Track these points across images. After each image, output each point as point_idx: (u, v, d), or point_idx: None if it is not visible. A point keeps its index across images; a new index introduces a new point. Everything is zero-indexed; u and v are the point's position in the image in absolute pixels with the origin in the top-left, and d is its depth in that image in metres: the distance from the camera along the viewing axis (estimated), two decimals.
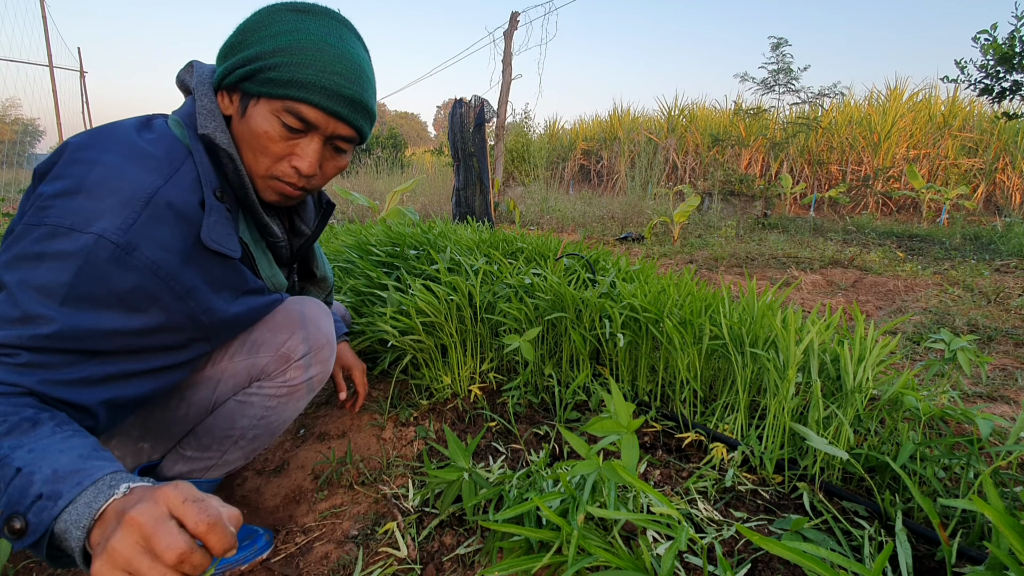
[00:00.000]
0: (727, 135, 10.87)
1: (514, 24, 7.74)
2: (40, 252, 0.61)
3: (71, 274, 0.61)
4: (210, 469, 0.93)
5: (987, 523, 0.89)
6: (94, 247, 0.61)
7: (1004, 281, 3.40)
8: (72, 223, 0.62)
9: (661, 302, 1.40)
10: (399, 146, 16.96)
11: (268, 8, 0.76)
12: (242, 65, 0.73)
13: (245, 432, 0.92)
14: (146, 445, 0.87)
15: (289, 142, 0.77)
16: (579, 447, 0.81)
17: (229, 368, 0.88)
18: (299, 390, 0.95)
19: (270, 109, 0.74)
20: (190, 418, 0.89)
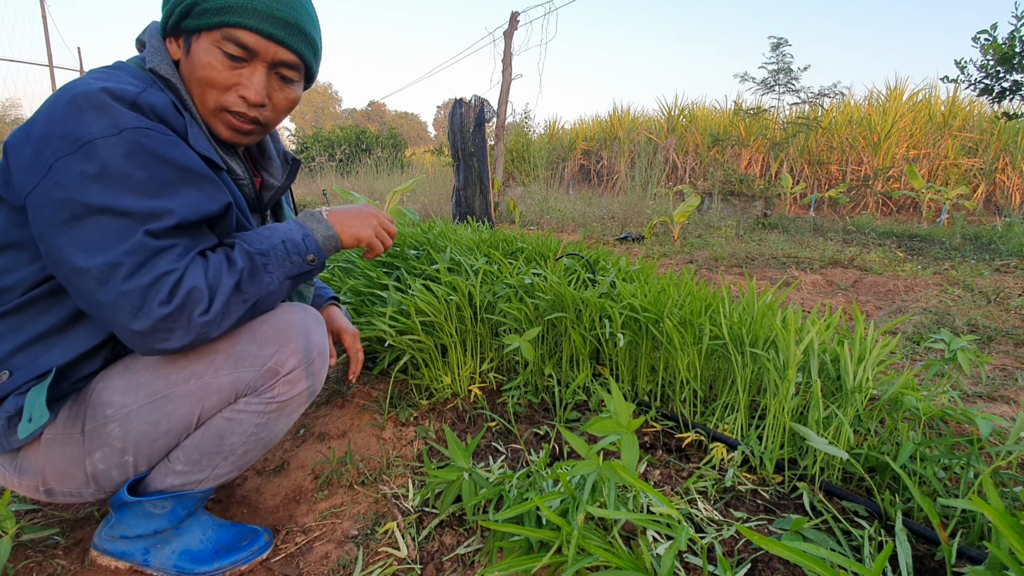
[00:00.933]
0: (727, 135, 10.87)
1: (514, 24, 7.74)
2: (102, 168, 0.68)
3: (141, 168, 0.70)
4: (201, 482, 0.91)
5: (987, 523, 0.89)
6: (136, 138, 0.70)
7: (1004, 281, 3.40)
8: (103, 131, 0.69)
9: (661, 302, 1.41)
10: (399, 146, 16.97)
11: None
12: (180, 3, 0.78)
13: (235, 448, 0.89)
14: (130, 459, 0.85)
15: (233, 71, 0.81)
16: (579, 447, 0.81)
17: (213, 383, 0.83)
18: (289, 405, 0.91)
19: (210, 41, 0.79)
20: (173, 433, 0.85)
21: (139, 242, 0.69)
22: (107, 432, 0.81)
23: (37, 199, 0.69)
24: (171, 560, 0.94)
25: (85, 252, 0.68)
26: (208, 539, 0.97)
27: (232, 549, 0.98)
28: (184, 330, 0.72)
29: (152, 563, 0.95)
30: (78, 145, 0.68)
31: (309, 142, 16.35)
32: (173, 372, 0.82)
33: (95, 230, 0.68)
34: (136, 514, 0.91)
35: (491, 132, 7.59)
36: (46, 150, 0.68)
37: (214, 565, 0.95)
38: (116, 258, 0.68)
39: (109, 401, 0.81)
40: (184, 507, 0.93)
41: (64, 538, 1.04)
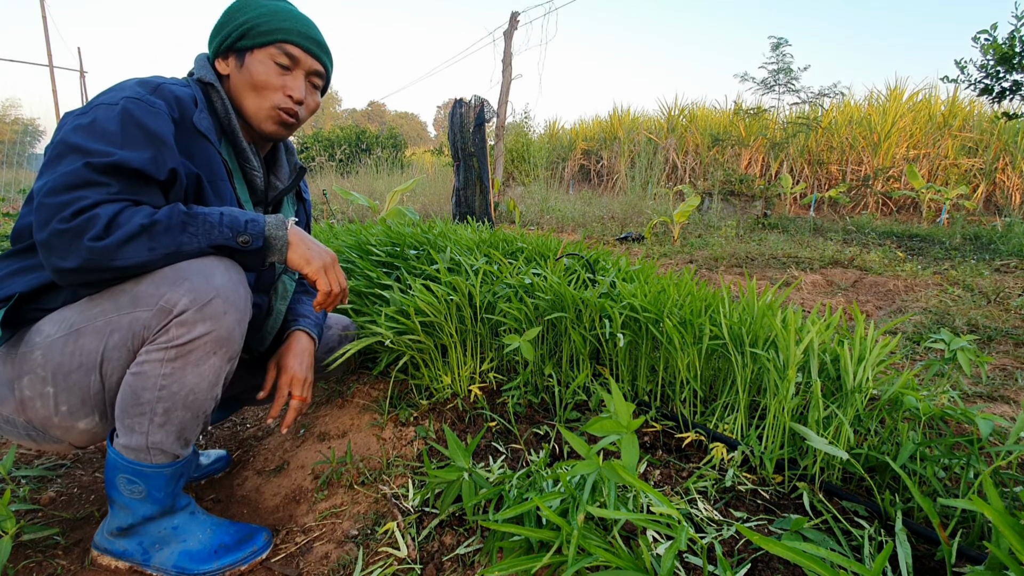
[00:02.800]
0: (727, 135, 10.87)
1: (514, 24, 7.74)
2: (91, 120, 0.85)
3: (117, 124, 0.85)
4: (142, 452, 0.90)
5: (987, 523, 0.89)
6: (125, 104, 0.87)
7: (1004, 281, 3.40)
8: (108, 99, 0.88)
9: (661, 302, 1.41)
10: (399, 146, 16.97)
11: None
12: (235, 30, 1.00)
13: (154, 406, 0.88)
14: (50, 390, 0.88)
15: (281, 77, 1.03)
16: (579, 447, 0.81)
17: (115, 320, 0.86)
18: (191, 352, 0.87)
19: (264, 55, 1.01)
20: (83, 368, 0.87)
21: (76, 170, 0.80)
22: (33, 358, 0.88)
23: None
24: (171, 560, 0.95)
25: (43, 177, 0.82)
26: (207, 539, 0.98)
27: (231, 549, 0.98)
28: (76, 252, 0.78)
29: (152, 563, 0.95)
30: (89, 107, 0.88)
31: (309, 142, 16.35)
32: (89, 308, 0.88)
33: (60, 162, 0.82)
34: (121, 503, 0.94)
35: (491, 132, 7.59)
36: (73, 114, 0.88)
37: (213, 565, 0.96)
38: (52, 180, 0.80)
39: (40, 329, 0.89)
40: (156, 487, 0.93)
41: (64, 538, 1.04)
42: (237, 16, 1.01)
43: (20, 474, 1.24)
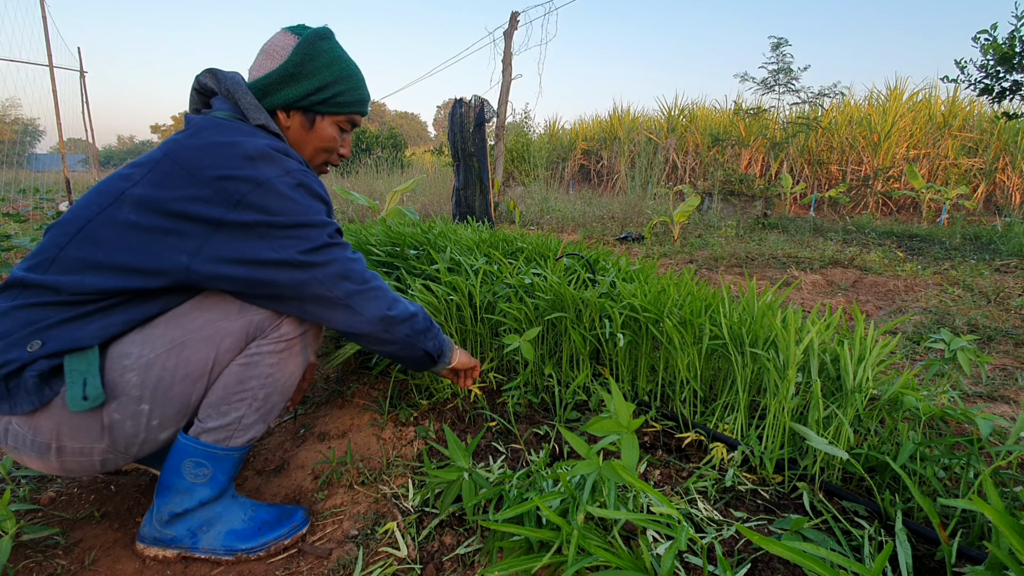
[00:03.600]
0: (727, 135, 10.87)
1: (514, 24, 7.74)
2: (277, 196, 0.90)
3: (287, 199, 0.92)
4: (232, 436, 0.98)
5: (987, 523, 0.89)
6: (283, 174, 0.91)
7: (1004, 281, 3.40)
8: (276, 173, 0.91)
9: (661, 302, 1.40)
10: (399, 146, 16.96)
11: (307, 42, 1.01)
12: (313, 93, 1.02)
13: (256, 392, 0.98)
14: (145, 407, 0.89)
15: (340, 138, 1.12)
16: (579, 447, 0.81)
17: (226, 326, 0.93)
18: (296, 344, 1.01)
19: (333, 120, 1.08)
20: (189, 379, 0.92)
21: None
22: (125, 381, 0.87)
23: (228, 219, 0.87)
24: (218, 540, 1.00)
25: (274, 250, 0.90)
26: (250, 518, 1.03)
27: (274, 526, 1.03)
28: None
29: (200, 545, 0.99)
30: (258, 183, 0.88)
31: None
32: (188, 322, 0.92)
33: (287, 236, 0.90)
34: (179, 490, 0.97)
35: (491, 132, 7.59)
36: (230, 187, 0.86)
37: (259, 540, 1.01)
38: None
39: (127, 352, 0.88)
40: (223, 471, 1.00)
41: (64, 538, 1.04)
42: (306, 73, 1.01)
43: (20, 474, 1.24)
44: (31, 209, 6.35)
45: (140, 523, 1.09)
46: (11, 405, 0.84)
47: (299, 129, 1.06)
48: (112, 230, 0.86)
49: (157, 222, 0.86)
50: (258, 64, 1.03)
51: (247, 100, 0.98)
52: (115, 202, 0.87)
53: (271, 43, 1.02)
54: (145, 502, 1.16)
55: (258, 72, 1.02)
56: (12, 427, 0.86)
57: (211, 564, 0.99)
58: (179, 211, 0.86)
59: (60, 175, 11.05)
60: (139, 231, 0.86)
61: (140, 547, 0.99)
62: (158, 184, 0.87)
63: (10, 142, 11.92)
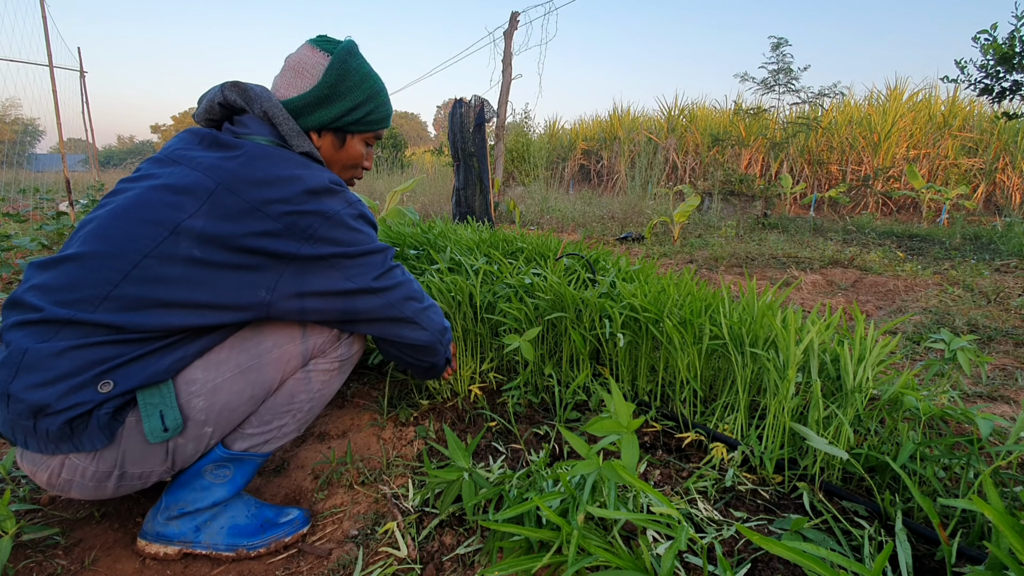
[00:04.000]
0: (727, 135, 10.86)
1: (514, 24, 7.73)
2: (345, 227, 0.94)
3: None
4: (268, 443, 1.02)
5: (987, 523, 0.89)
6: (347, 206, 0.95)
7: (1004, 281, 3.40)
8: (341, 206, 0.95)
9: (661, 302, 1.40)
10: (399, 146, 16.96)
11: (339, 61, 1.00)
12: (347, 114, 1.04)
13: (302, 405, 1.03)
14: (209, 429, 0.92)
15: (365, 153, 1.14)
16: (579, 447, 0.81)
17: (292, 349, 0.98)
18: (348, 363, 1.10)
19: (362, 138, 1.10)
20: (256, 399, 0.96)
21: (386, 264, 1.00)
22: (192, 406, 0.89)
23: (303, 253, 0.89)
24: (220, 536, 1.00)
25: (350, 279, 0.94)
26: (253, 515, 1.04)
27: (276, 524, 1.04)
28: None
29: (202, 540, 0.99)
30: (326, 216, 0.90)
31: None
32: (253, 346, 0.94)
33: (355, 266, 0.95)
34: (196, 488, 0.98)
35: (491, 132, 7.59)
36: (300, 221, 0.88)
37: (261, 537, 1.01)
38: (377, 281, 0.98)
39: (194, 379, 0.89)
40: (243, 474, 1.02)
41: (64, 538, 1.04)
42: (340, 94, 1.01)
43: (20, 474, 1.24)
44: (31, 209, 6.35)
45: (140, 523, 1.09)
46: (77, 444, 0.81)
47: (330, 148, 1.08)
48: (175, 267, 0.82)
49: (227, 258, 0.84)
50: (286, 82, 1.01)
51: (288, 126, 0.98)
52: (171, 235, 0.82)
53: (299, 60, 1.01)
54: (145, 502, 1.16)
55: (288, 91, 1.01)
56: (70, 461, 0.84)
57: (211, 563, 0.99)
58: (251, 247, 0.85)
59: (60, 175, 11.04)
60: (208, 267, 0.84)
61: (141, 544, 0.99)
62: (220, 217, 0.83)
63: (10, 142, 11.91)
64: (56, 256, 0.85)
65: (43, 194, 6.78)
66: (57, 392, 0.77)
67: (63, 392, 0.77)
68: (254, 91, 0.98)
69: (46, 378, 0.77)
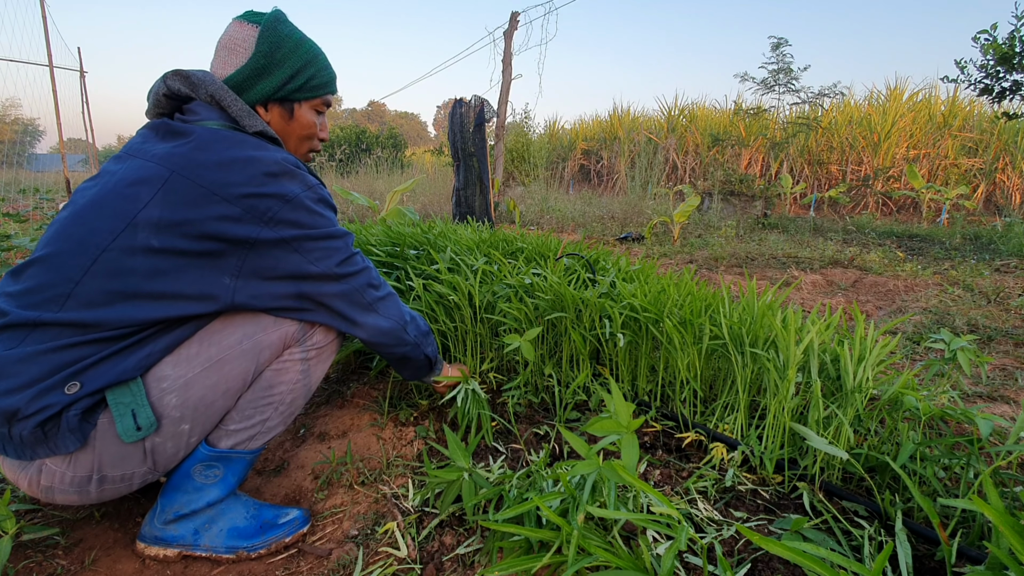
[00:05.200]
0: (727, 135, 10.86)
1: (514, 24, 7.73)
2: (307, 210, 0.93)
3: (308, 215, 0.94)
4: (253, 438, 1.00)
5: (987, 523, 0.89)
6: (306, 189, 0.93)
7: (1004, 281, 3.40)
8: (300, 189, 0.93)
9: (661, 302, 1.40)
10: (399, 146, 16.96)
11: (268, 30, 0.97)
12: (288, 82, 1.01)
13: (283, 397, 1.01)
14: (187, 427, 0.90)
15: (318, 120, 1.10)
16: (579, 447, 0.81)
17: (264, 339, 0.96)
18: (325, 351, 1.06)
19: (310, 106, 1.07)
20: (231, 392, 0.94)
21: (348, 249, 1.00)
22: (164, 403, 0.87)
23: (264, 237, 0.87)
24: (220, 538, 0.99)
25: (314, 263, 0.93)
26: (252, 516, 1.03)
27: (275, 524, 1.04)
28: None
29: (202, 543, 0.99)
30: (286, 199, 0.89)
31: None
32: (223, 338, 0.92)
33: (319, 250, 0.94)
34: (188, 490, 0.97)
35: (491, 132, 7.58)
36: (260, 204, 0.86)
37: (261, 538, 1.01)
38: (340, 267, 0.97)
39: (164, 375, 0.87)
40: (234, 472, 1.00)
41: (64, 538, 1.04)
42: (275, 63, 0.98)
43: None
44: (31, 209, 6.35)
45: (140, 523, 1.09)
46: (51, 447, 0.81)
47: (280, 121, 1.04)
48: (136, 259, 0.82)
49: (187, 245, 0.83)
50: (221, 61, 0.98)
51: (238, 107, 0.95)
52: (128, 227, 0.82)
53: (229, 37, 0.97)
54: (145, 502, 1.16)
55: (225, 69, 0.97)
56: (47, 467, 0.83)
57: (211, 563, 0.99)
58: (210, 233, 0.83)
59: (60, 175, 11.05)
60: (168, 256, 0.83)
61: (140, 547, 0.99)
62: (176, 205, 0.82)
63: (10, 142, 11.91)
64: (24, 262, 0.85)
65: (43, 194, 6.78)
66: (26, 397, 0.77)
67: (31, 396, 0.77)
68: (196, 76, 0.95)
69: (16, 384, 0.77)
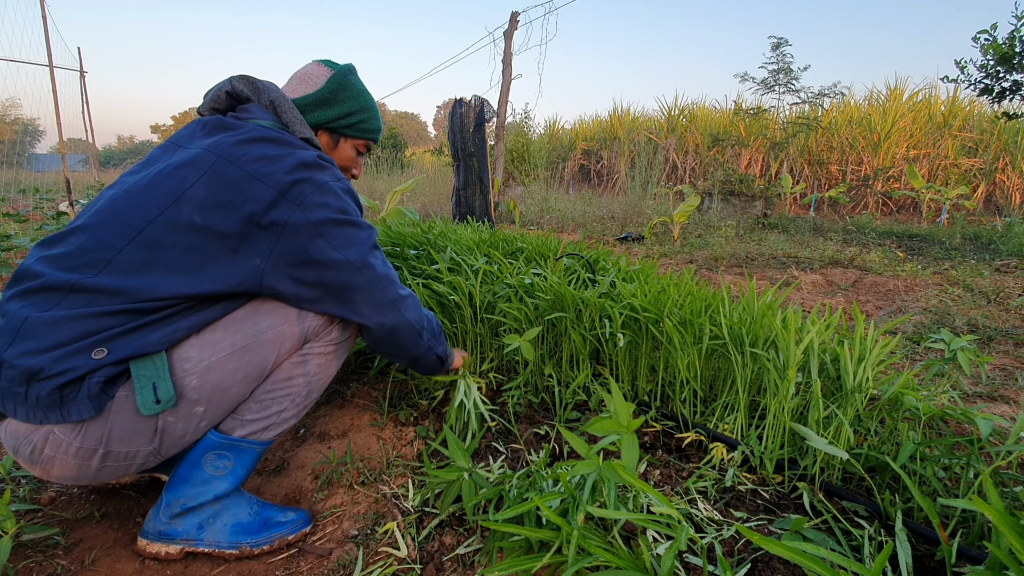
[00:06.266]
0: (727, 135, 10.86)
1: (514, 24, 7.73)
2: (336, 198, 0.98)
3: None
4: (267, 429, 1.01)
5: (987, 523, 0.89)
6: (336, 180, 1.00)
7: (1004, 281, 3.40)
8: (331, 178, 0.99)
9: (661, 302, 1.40)
10: (399, 146, 16.96)
11: (340, 75, 1.14)
12: (343, 117, 1.15)
13: (300, 390, 1.03)
14: (200, 409, 0.91)
15: (356, 160, 1.25)
16: (579, 447, 0.81)
17: (287, 331, 0.98)
18: (342, 347, 1.09)
19: (353, 143, 1.21)
20: (248, 380, 0.96)
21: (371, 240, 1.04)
22: (185, 384, 0.88)
23: (295, 219, 0.91)
24: (223, 533, 1.00)
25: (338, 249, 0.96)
26: (256, 512, 1.04)
27: (278, 523, 1.04)
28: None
29: (205, 538, 0.99)
30: (317, 184, 0.94)
31: None
32: (250, 326, 0.94)
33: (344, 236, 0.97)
34: (196, 482, 0.98)
35: (491, 132, 7.58)
36: (294, 189, 0.91)
37: (264, 535, 1.02)
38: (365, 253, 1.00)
39: (188, 356, 0.89)
40: (243, 464, 1.01)
41: (64, 538, 1.04)
42: (339, 100, 1.14)
43: (20, 474, 1.24)
44: (31, 209, 6.35)
45: (140, 523, 1.09)
46: (64, 413, 0.80)
47: (325, 147, 1.17)
48: (178, 234, 0.86)
49: (226, 225, 0.87)
50: (291, 87, 1.12)
51: (293, 115, 1.05)
52: (175, 203, 0.87)
53: (306, 72, 1.14)
54: (145, 502, 1.16)
55: (293, 93, 1.11)
56: (54, 435, 0.83)
57: (212, 563, 0.99)
58: (248, 213, 0.88)
59: (60, 175, 11.04)
60: (207, 234, 0.87)
61: (142, 544, 0.98)
62: (220, 187, 0.88)
63: (10, 142, 11.91)
64: (63, 230, 0.89)
65: (43, 194, 6.78)
66: (51, 358, 0.78)
67: (57, 357, 0.79)
68: (262, 83, 1.07)
69: (42, 345, 0.79)
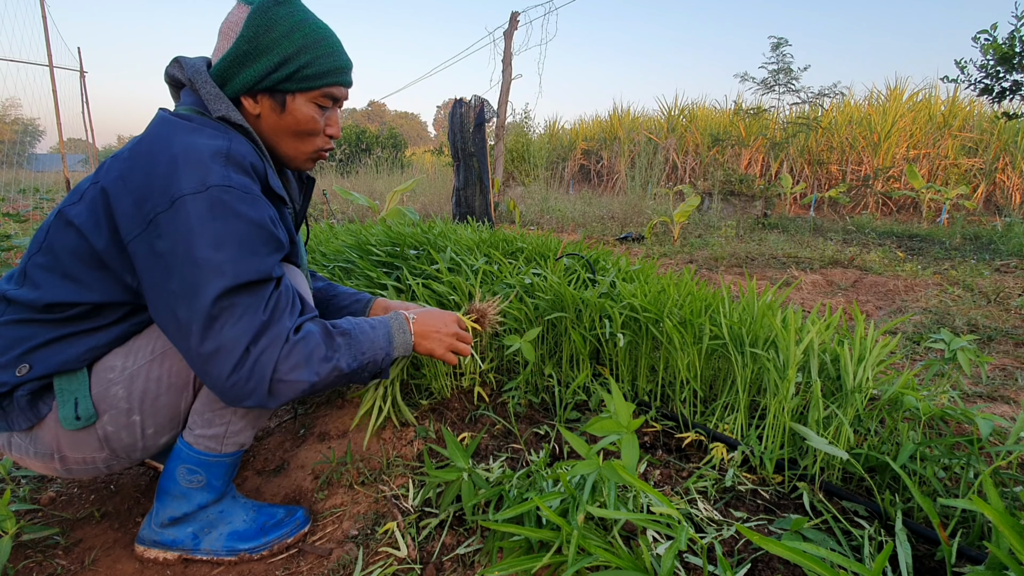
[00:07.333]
0: (727, 135, 10.86)
1: (514, 24, 7.73)
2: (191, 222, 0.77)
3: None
4: (223, 444, 0.97)
5: (987, 523, 0.89)
6: (219, 194, 0.78)
7: (1004, 281, 3.40)
8: (193, 187, 0.77)
9: (661, 302, 1.40)
10: (399, 146, 16.97)
11: (259, 11, 0.87)
12: (275, 70, 0.88)
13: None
14: (137, 418, 0.90)
15: (323, 117, 0.96)
16: (579, 447, 0.81)
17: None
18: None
19: (308, 98, 0.93)
20: (174, 388, 0.92)
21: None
22: (112, 394, 0.87)
23: (139, 247, 0.78)
24: (220, 542, 0.99)
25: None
26: (252, 519, 1.03)
27: (276, 525, 1.03)
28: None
29: (202, 547, 0.99)
30: (171, 201, 0.76)
31: None
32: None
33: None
34: (175, 494, 0.97)
35: (491, 132, 7.59)
36: (146, 203, 0.77)
37: (262, 540, 1.00)
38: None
39: (111, 366, 0.88)
40: (216, 476, 0.99)
41: (64, 538, 1.04)
42: (263, 47, 0.87)
43: (20, 474, 1.24)
44: (31, 209, 6.34)
45: (140, 523, 1.09)
46: (8, 423, 0.86)
47: (271, 115, 0.93)
48: (62, 234, 0.85)
49: (95, 230, 0.82)
50: (217, 47, 0.91)
51: (207, 89, 0.88)
52: (67, 203, 0.87)
53: (226, 20, 0.89)
54: (145, 502, 1.16)
55: (215, 56, 0.91)
56: (14, 439, 0.89)
57: (212, 564, 0.99)
58: (110, 217, 0.81)
59: (60, 175, 11.05)
60: (81, 235, 0.82)
61: (139, 549, 0.99)
62: (107, 189, 0.81)
63: (10, 142, 11.92)
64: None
65: (43, 194, 6.78)
66: None
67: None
68: (188, 62, 0.92)
69: None
